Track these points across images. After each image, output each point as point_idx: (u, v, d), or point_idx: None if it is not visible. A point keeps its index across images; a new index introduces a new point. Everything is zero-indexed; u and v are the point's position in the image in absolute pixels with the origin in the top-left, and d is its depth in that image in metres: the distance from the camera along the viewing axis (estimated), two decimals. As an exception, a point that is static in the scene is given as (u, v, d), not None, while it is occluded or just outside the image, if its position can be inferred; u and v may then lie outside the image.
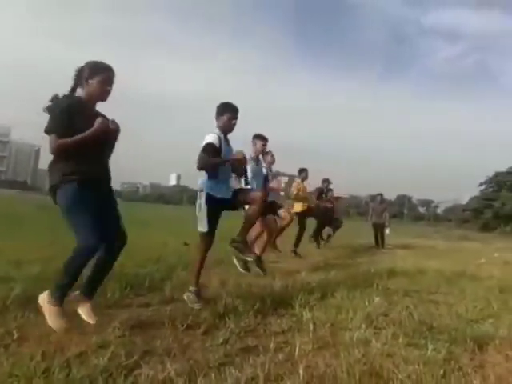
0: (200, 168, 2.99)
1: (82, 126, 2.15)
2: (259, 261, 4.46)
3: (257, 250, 4.43)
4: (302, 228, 7.01)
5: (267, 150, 5.03)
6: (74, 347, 1.95)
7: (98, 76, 2.24)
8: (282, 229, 5.46)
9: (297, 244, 6.79)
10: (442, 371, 1.91)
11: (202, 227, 3.03)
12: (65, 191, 2.18)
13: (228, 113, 3.10)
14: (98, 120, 2.20)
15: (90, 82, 2.25)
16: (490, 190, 39.59)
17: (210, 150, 2.95)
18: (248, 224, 3.13)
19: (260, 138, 4.70)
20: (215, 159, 2.98)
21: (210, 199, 3.00)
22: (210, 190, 3.01)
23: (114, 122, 2.37)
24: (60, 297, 2.16)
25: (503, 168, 38.01)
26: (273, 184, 5.26)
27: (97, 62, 2.29)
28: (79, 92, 2.32)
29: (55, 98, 2.22)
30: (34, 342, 2.01)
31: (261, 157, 4.89)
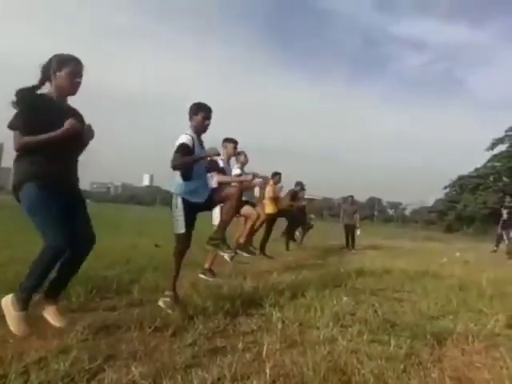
0: (174, 167, 2.92)
1: (50, 123, 2.06)
2: (247, 246, 4.45)
3: (241, 239, 4.42)
4: (269, 230, 7.02)
5: (240, 151, 5.04)
6: (34, 352, 1.87)
7: (66, 67, 2.16)
8: (256, 228, 5.44)
9: (263, 246, 6.79)
10: (402, 366, 1.99)
11: (179, 229, 2.97)
12: (27, 191, 2.08)
13: (202, 113, 3.07)
14: (68, 121, 2.10)
15: (58, 74, 2.16)
16: (454, 192, 41.54)
17: (184, 151, 2.91)
18: (225, 220, 3.09)
19: (231, 141, 4.72)
20: (188, 157, 2.92)
21: (186, 202, 2.97)
22: (185, 195, 2.97)
23: (89, 127, 2.31)
24: (25, 300, 2.07)
25: (465, 171, 40.04)
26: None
27: (64, 54, 2.21)
28: (47, 87, 2.22)
29: (20, 92, 2.10)
30: (-10, 348, 1.91)
31: (233, 159, 4.89)
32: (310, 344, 2.25)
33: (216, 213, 4.19)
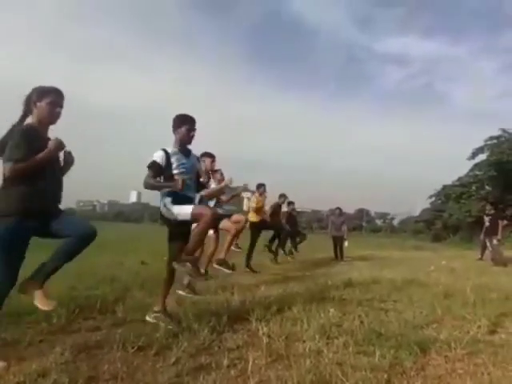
0: (144, 187, 2.92)
1: (39, 152, 2.13)
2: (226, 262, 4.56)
3: (221, 254, 4.55)
4: (254, 241, 6.92)
5: (217, 168, 5.08)
6: (12, 377, 1.82)
7: (46, 98, 2.24)
8: (239, 231, 5.24)
9: (249, 258, 6.68)
10: (386, 376, 2.00)
11: (185, 212, 2.84)
12: (1, 225, 2.07)
13: (186, 124, 3.04)
14: (52, 140, 2.19)
15: (39, 104, 2.23)
16: (439, 201, 42.25)
17: (154, 169, 2.91)
18: (195, 242, 2.95)
19: (208, 155, 4.75)
20: (156, 183, 2.92)
21: (175, 198, 2.92)
22: (174, 192, 2.93)
23: (70, 153, 2.37)
24: None
25: (449, 181, 40.88)
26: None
27: (45, 86, 2.30)
28: (29, 119, 2.29)
29: (12, 127, 2.20)
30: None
31: (210, 174, 4.92)
32: (295, 357, 2.25)
33: None
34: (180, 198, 2.95)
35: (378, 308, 3.67)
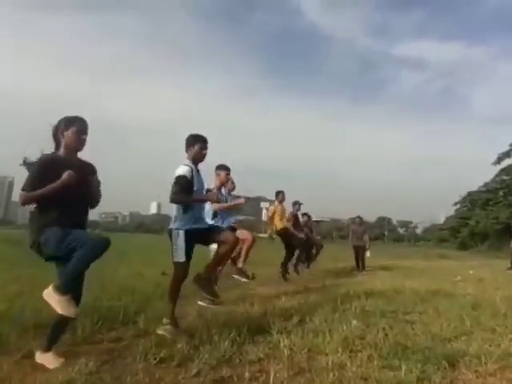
0: (172, 201, 3.04)
1: (57, 179, 2.25)
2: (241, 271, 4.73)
3: (240, 264, 4.68)
4: (290, 247, 6.89)
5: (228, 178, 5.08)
6: (38, 388, 1.86)
7: (72, 127, 2.39)
8: (247, 251, 5.06)
9: (285, 265, 6.74)
10: (414, 391, 1.93)
11: (179, 257, 3.04)
12: (47, 236, 2.23)
13: (199, 143, 3.19)
14: (66, 173, 2.28)
15: (66, 133, 2.39)
16: (465, 208, 40.90)
17: (183, 184, 3.01)
18: (216, 262, 3.20)
19: (223, 168, 4.79)
20: (189, 197, 3.05)
21: (187, 234, 3.05)
22: (187, 225, 3.06)
23: (96, 179, 2.49)
24: (69, 286, 2.19)
25: (474, 187, 39.56)
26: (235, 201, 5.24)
27: (69, 116, 2.45)
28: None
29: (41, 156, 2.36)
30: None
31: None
32: (317, 371, 2.20)
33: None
34: (195, 219, 3.10)
35: (402, 320, 3.56)
